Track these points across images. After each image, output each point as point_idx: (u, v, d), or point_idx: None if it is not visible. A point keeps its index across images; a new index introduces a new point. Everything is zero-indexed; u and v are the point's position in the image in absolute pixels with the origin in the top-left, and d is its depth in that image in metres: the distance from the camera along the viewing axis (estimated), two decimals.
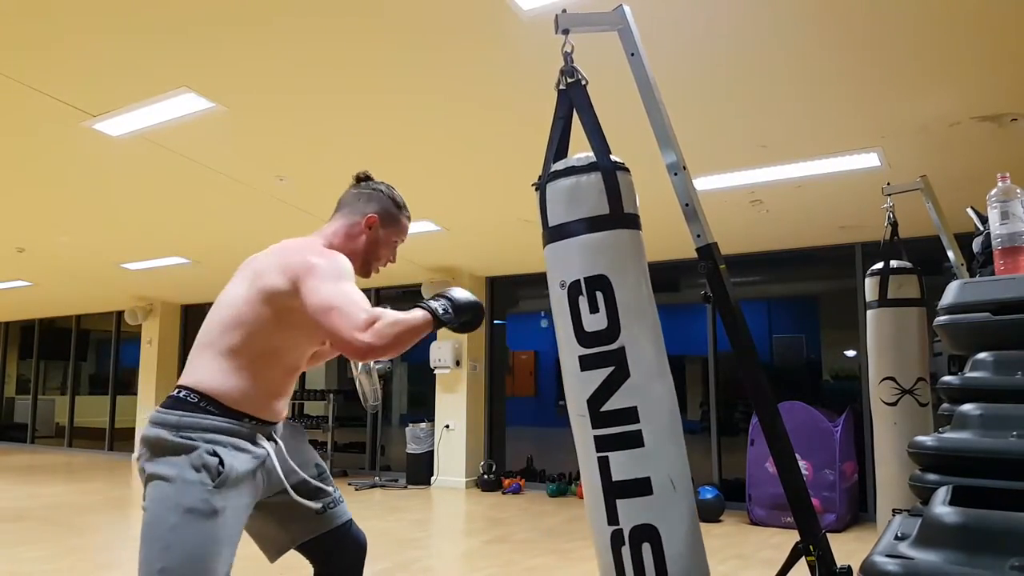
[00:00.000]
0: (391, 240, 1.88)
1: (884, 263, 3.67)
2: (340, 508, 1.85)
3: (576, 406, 1.61)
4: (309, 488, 1.79)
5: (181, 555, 1.46)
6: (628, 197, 1.67)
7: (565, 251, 1.65)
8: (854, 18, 2.68)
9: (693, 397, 7.04)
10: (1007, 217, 1.80)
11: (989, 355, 1.62)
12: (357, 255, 1.81)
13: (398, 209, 1.89)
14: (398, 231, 1.89)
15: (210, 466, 1.52)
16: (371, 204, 1.85)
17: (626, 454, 1.55)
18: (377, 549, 4.63)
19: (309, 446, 1.89)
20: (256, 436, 1.64)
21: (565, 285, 1.63)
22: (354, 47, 2.96)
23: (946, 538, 1.18)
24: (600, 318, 1.60)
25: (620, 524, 1.54)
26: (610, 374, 1.58)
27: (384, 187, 1.90)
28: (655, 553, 1.53)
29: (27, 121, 3.72)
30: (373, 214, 1.83)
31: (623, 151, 4.38)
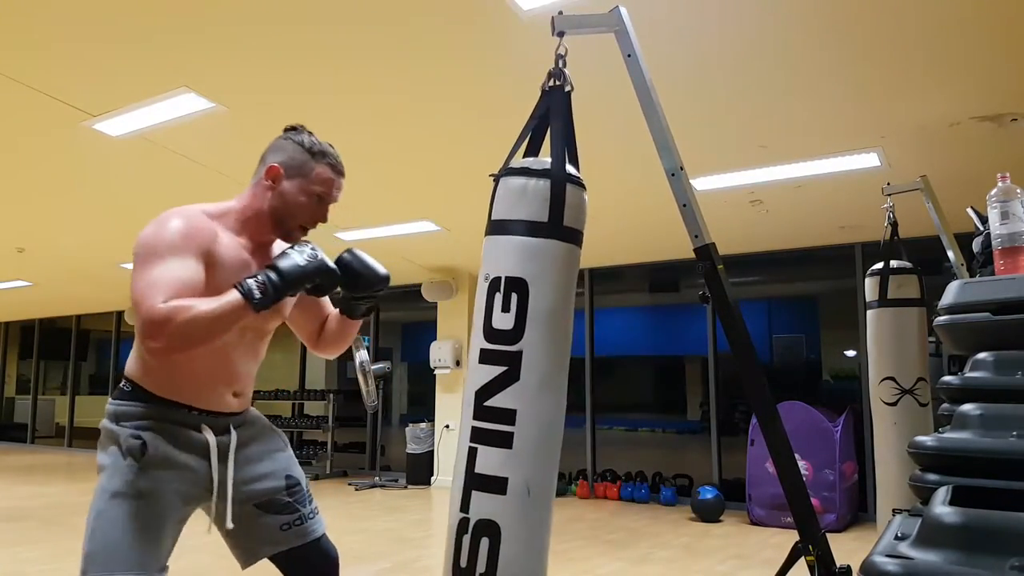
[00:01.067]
0: (307, 191, 1.62)
1: (884, 263, 3.67)
2: (309, 525, 1.72)
3: (466, 393, 1.65)
4: (274, 501, 1.68)
5: (104, 538, 1.44)
6: (572, 211, 1.65)
7: (498, 246, 1.67)
8: (854, 18, 2.67)
9: (693, 397, 7.04)
10: (1007, 217, 1.80)
11: (989, 355, 1.62)
12: (264, 214, 1.63)
13: (310, 156, 1.63)
14: (311, 181, 1.62)
15: (133, 449, 1.48)
16: (276, 154, 1.63)
17: (494, 451, 1.59)
18: (377, 549, 4.63)
19: (286, 457, 1.77)
20: (200, 426, 1.57)
21: (488, 278, 1.65)
22: (354, 47, 2.96)
23: (946, 538, 1.18)
24: (508, 318, 1.63)
25: (469, 513, 1.58)
26: (501, 373, 1.61)
27: (299, 135, 1.66)
28: (491, 549, 1.57)
29: (27, 121, 3.72)
30: (275, 164, 1.61)
31: (621, 151, 4.38)
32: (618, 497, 6.72)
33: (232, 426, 1.65)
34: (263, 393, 8.98)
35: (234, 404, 1.66)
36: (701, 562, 4.28)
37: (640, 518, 5.79)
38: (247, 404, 1.74)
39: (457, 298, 7.64)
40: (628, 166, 4.23)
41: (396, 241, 6.16)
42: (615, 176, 4.40)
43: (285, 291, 1.48)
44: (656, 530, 5.29)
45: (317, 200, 1.65)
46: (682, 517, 5.79)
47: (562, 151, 1.67)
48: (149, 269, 1.40)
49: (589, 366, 7.17)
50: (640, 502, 6.55)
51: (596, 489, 6.94)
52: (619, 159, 4.13)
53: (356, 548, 4.65)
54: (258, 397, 9.00)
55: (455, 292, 7.59)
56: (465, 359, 7.54)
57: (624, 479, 6.89)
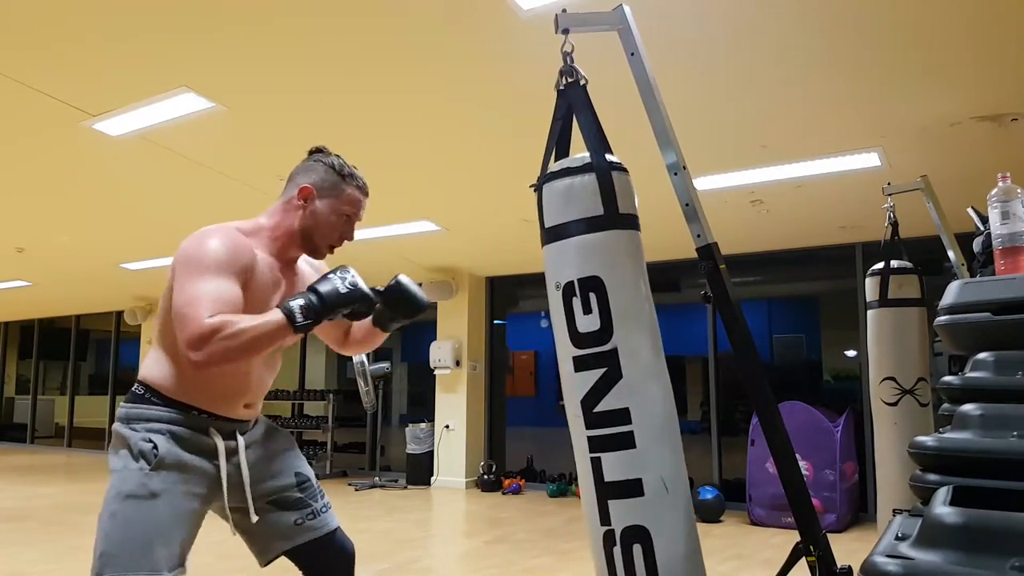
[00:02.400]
0: (336, 212, 1.71)
1: (884, 263, 3.67)
2: (322, 519, 1.79)
3: (571, 406, 1.61)
4: (286, 499, 1.75)
5: (119, 539, 1.46)
6: (624, 197, 1.66)
7: (560, 252, 1.64)
8: (854, 18, 2.67)
9: (693, 397, 7.05)
10: (1007, 217, 1.80)
11: (989, 355, 1.61)
12: (295, 233, 1.70)
13: (340, 178, 1.72)
14: (341, 202, 1.71)
15: (145, 452, 1.51)
16: (307, 175, 1.72)
17: (617, 455, 1.55)
18: (377, 549, 4.62)
19: (293, 455, 1.82)
20: (208, 430, 1.61)
21: (560, 286, 1.62)
22: (354, 47, 2.96)
23: (946, 538, 1.18)
24: (593, 319, 1.60)
25: (612, 524, 1.54)
26: (603, 375, 1.58)
27: (328, 157, 1.75)
28: (646, 555, 1.53)
29: (27, 121, 3.71)
30: (308, 185, 1.70)
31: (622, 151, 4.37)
32: None
33: (238, 432, 1.69)
34: None
35: (244, 414, 1.70)
36: None
37: None
38: (256, 414, 1.78)
39: (457, 298, 7.64)
40: (627, 166, 4.22)
41: (396, 241, 6.16)
42: None
43: (324, 315, 1.52)
44: None
45: (345, 220, 1.73)
46: None
47: (598, 141, 1.68)
48: (195, 282, 1.46)
49: None
50: None
51: None
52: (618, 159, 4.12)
53: (356, 548, 4.64)
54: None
55: (455, 292, 7.59)
56: (466, 360, 7.56)
57: None
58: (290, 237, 1.70)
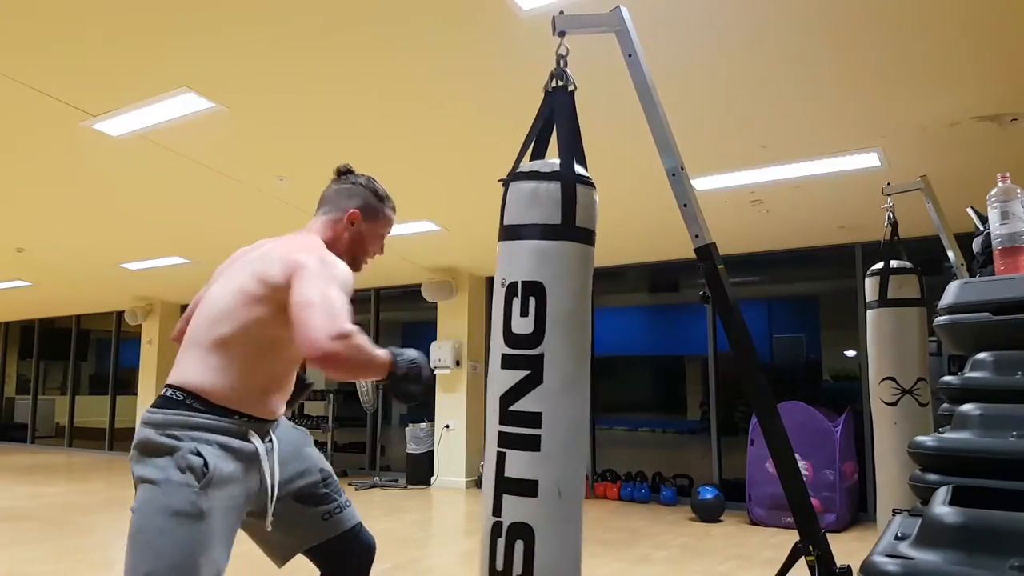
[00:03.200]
0: (376, 233, 1.87)
1: (884, 263, 3.67)
2: (347, 513, 1.82)
3: (491, 400, 1.67)
4: (314, 494, 1.77)
5: (168, 559, 1.43)
6: (584, 212, 1.66)
7: (513, 252, 1.67)
8: (854, 18, 2.68)
9: (693, 397, 7.04)
10: (1007, 217, 1.80)
11: (989, 355, 1.62)
12: (342, 252, 1.79)
13: (380, 201, 1.87)
14: (382, 224, 1.87)
15: (195, 466, 1.48)
16: (352, 199, 1.84)
17: (521, 455, 1.61)
18: (377, 549, 4.62)
19: (314, 451, 1.86)
20: (248, 433, 1.60)
21: (504, 284, 1.66)
22: (354, 47, 2.96)
23: (946, 538, 1.18)
24: (528, 322, 1.63)
25: (501, 517, 1.60)
26: (524, 377, 1.63)
27: (364, 180, 1.89)
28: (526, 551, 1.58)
29: (27, 121, 3.72)
30: (355, 209, 1.82)
31: (620, 152, 4.38)
32: (618, 497, 6.72)
33: (271, 431, 1.71)
34: None
35: (280, 411, 1.72)
36: (701, 562, 4.28)
37: (640, 518, 5.79)
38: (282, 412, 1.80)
39: (457, 298, 7.64)
40: (628, 166, 4.23)
41: (396, 241, 6.16)
42: (615, 176, 4.40)
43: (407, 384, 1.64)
44: (656, 530, 5.29)
45: (380, 238, 1.89)
46: (682, 517, 5.79)
47: (570, 152, 1.68)
48: (334, 288, 1.56)
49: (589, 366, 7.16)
50: (640, 502, 6.56)
51: (596, 489, 6.94)
52: (619, 159, 4.13)
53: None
54: None
55: (455, 292, 7.59)
56: (466, 360, 7.56)
57: (624, 479, 6.89)
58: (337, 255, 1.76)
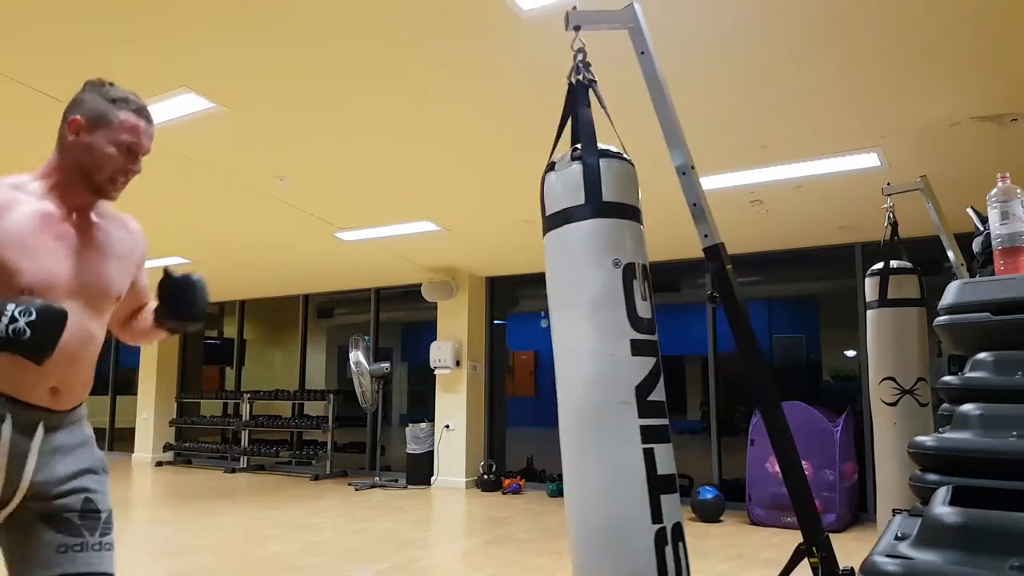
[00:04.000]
0: (113, 142, 1.52)
1: (884, 263, 3.67)
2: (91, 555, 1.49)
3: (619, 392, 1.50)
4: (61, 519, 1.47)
5: None
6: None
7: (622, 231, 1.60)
8: (854, 19, 2.68)
9: (693, 397, 7.04)
10: (1007, 217, 1.80)
11: (989, 355, 1.62)
12: (75, 170, 1.52)
13: (110, 103, 1.53)
14: (117, 130, 1.53)
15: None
16: (74, 108, 1.54)
17: (663, 448, 1.50)
18: (377, 549, 4.63)
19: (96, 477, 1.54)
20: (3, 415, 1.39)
21: (620, 264, 1.57)
22: (354, 48, 2.96)
23: (946, 538, 1.18)
24: (648, 307, 1.58)
25: (664, 522, 1.44)
26: (653, 365, 1.53)
27: (98, 87, 1.56)
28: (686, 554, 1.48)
29: (27, 121, 3.71)
30: (76, 116, 1.52)
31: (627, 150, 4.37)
32: None
33: (44, 424, 1.46)
34: (263, 393, 8.98)
35: (49, 401, 1.46)
36: (701, 562, 4.28)
37: None
38: (70, 405, 1.53)
39: (457, 298, 7.64)
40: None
41: (396, 241, 6.16)
42: None
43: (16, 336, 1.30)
44: None
45: (126, 149, 1.55)
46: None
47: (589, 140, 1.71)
48: None
49: None
50: None
51: None
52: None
53: (356, 548, 4.65)
54: (258, 397, 8.99)
55: (455, 292, 7.59)
56: (466, 360, 7.56)
57: None
58: (67, 177, 1.53)
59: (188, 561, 4.15)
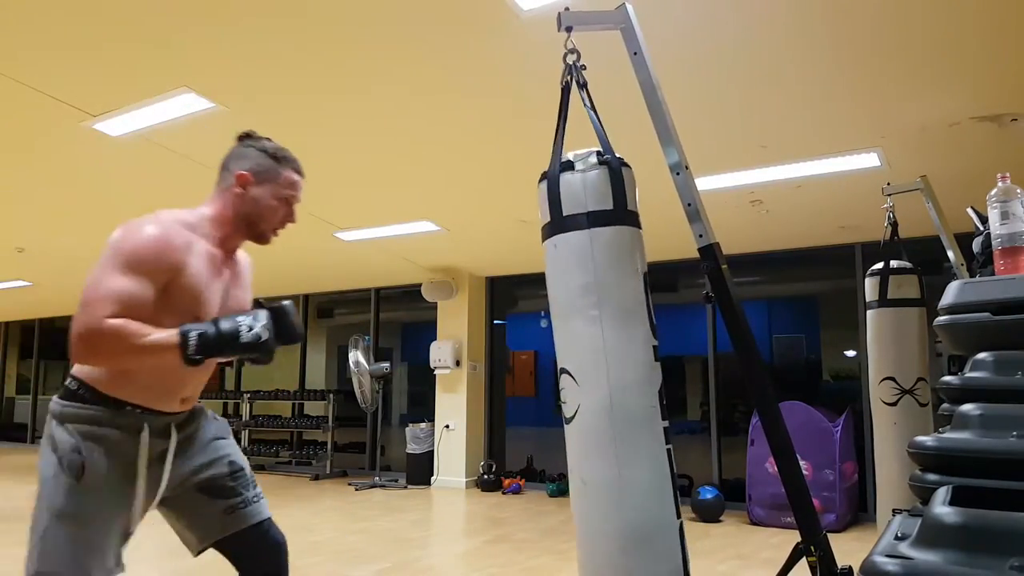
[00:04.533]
0: (276, 196, 1.70)
1: (884, 263, 3.67)
2: (252, 508, 1.74)
3: (647, 397, 1.58)
4: (217, 486, 1.70)
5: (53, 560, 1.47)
6: None
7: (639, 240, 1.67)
8: (854, 18, 2.67)
9: (693, 397, 7.04)
10: (1007, 217, 1.80)
11: (989, 355, 1.61)
12: (240, 220, 1.68)
13: (276, 162, 1.71)
14: (280, 186, 1.70)
15: (73, 465, 1.48)
16: (242, 161, 1.70)
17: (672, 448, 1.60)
18: (377, 549, 4.63)
19: (227, 442, 1.78)
20: (141, 426, 1.56)
21: (642, 272, 1.66)
22: (353, 47, 2.96)
23: (946, 538, 1.18)
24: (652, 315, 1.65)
25: (680, 517, 1.56)
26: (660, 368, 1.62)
27: (260, 142, 1.74)
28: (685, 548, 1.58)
29: (27, 121, 3.71)
30: (243, 172, 1.68)
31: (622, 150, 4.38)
32: None
33: (174, 425, 1.65)
34: (263, 393, 8.98)
35: (178, 407, 1.66)
36: (701, 562, 4.28)
37: None
38: (193, 404, 1.74)
39: (457, 298, 7.64)
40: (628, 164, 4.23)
41: (396, 241, 6.16)
42: None
43: (216, 355, 1.50)
44: None
45: (285, 203, 1.72)
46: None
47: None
48: (109, 273, 1.46)
49: None
50: None
51: None
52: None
53: (356, 548, 4.65)
54: (258, 397, 8.99)
55: (455, 292, 7.59)
56: (466, 360, 7.55)
57: None
58: (232, 225, 1.68)
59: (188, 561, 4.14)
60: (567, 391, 1.63)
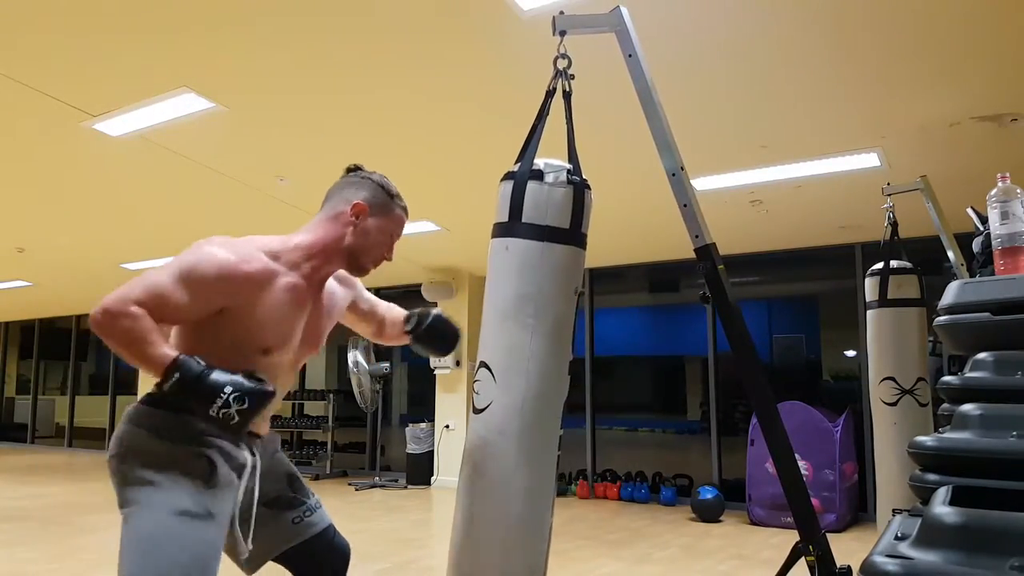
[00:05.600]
0: (385, 231, 1.67)
1: (884, 263, 3.67)
2: (317, 515, 1.71)
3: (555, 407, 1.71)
4: (282, 498, 1.68)
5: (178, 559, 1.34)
6: None
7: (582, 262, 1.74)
8: (854, 18, 2.67)
9: (693, 397, 7.04)
10: (1007, 217, 1.80)
11: (989, 355, 1.61)
12: (344, 250, 1.62)
13: (390, 198, 1.68)
14: (391, 222, 1.68)
15: (200, 468, 1.43)
16: (360, 191, 1.65)
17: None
18: (377, 549, 4.63)
19: (281, 454, 1.77)
20: (240, 441, 1.53)
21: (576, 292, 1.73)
22: (354, 47, 2.96)
23: (946, 538, 1.18)
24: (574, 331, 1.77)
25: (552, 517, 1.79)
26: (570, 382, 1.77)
27: (377, 176, 1.71)
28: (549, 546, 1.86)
29: (27, 121, 3.72)
30: (361, 201, 1.63)
31: (620, 151, 4.37)
32: (618, 497, 6.72)
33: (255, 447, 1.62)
34: None
35: (264, 428, 1.66)
36: (701, 562, 4.28)
37: (640, 518, 5.79)
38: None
39: (457, 298, 7.64)
40: (628, 166, 4.23)
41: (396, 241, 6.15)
42: (615, 176, 4.40)
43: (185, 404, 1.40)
44: (656, 530, 5.29)
45: (389, 239, 1.70)
46: (682, 517, 5.79)
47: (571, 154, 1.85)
48: (158, 273, 1.40)
49: (589, 366, 7.17)
50: (640, 502, 6.56)
51: (596, 489, 6.94)
52: (619, 159, 4.13)
53: (356, 548, 4.62)
54: None
55: (455, 292, 7.59)
56: (466, 359, 7.55)
57: (624, 479, 6.89)
58: (333, 254, 1.62)
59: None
60: (483, 384, 1.71)
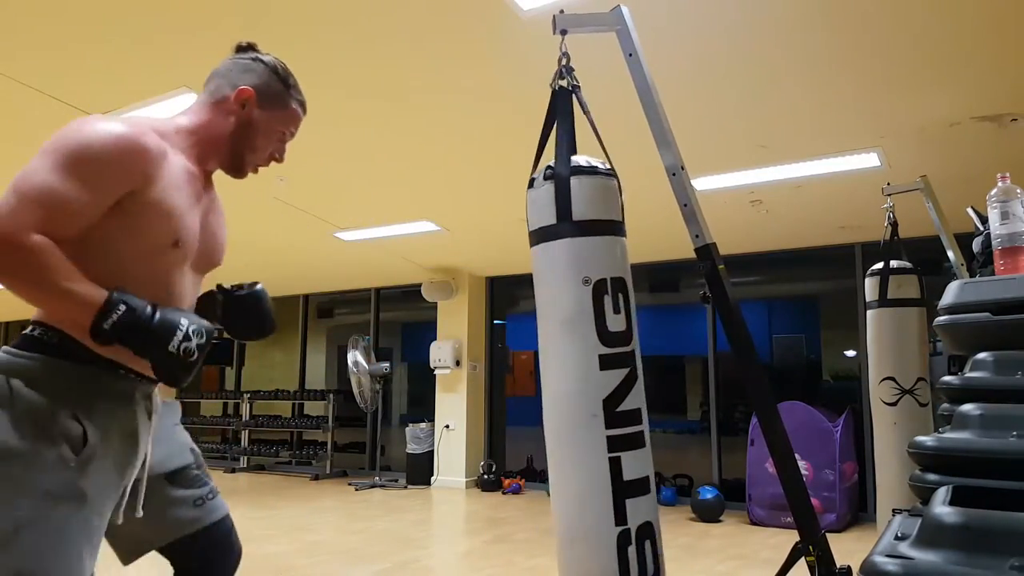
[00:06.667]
0: (274, 128, 1.43)
1: (884, 263, 3.68)
2: (218, 501, 1.52)
3: (589, 405, 1.62)
4: (187, 476, 1.47)
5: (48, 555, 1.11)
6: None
7: (591, 248, 1.67)
8: (854, 18, 2.68)
9: (693, 397, 7.04)
10: (1007, 217, 1.80)
11: (989, 355, 1.62)
12: (223, 141, 1.39)
13: (285, 88, 1.43)
14: (284, 117, 1.43)
15: (72, 436, 1.15)
16: (247, 75, 1.40)
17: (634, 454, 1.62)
18: (377, 549, 4.63)
19: (181, 428, 1.55)
20: (135, 395, 1.28)
21: (590, 282, 1.66)
22: (353, 47, 2.96)
23: (946, 538, 1.18)
24: (621, 319, 1.66)
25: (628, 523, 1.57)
26: (626, 375, 1.63)
27: (271, 59, 1.44)
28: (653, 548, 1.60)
29: (28, 121, 3.72)
30: (247, 87, 1.38)
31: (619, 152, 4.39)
32: None
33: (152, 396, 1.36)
34: (263, 393, 8.98)
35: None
36: (701, 562, 4.28)
37: None
38: None
39: (457, 298, 7.64)
40: (628, 166, 4.23)
41: (396, 241, 6.16)
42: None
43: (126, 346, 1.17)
44: None
45: (280, 137, 1.46)
46: (682, 517, 5.79)
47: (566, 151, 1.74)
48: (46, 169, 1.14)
49: None
50: None
51: None
52: (618, 159, 4.12)
53: (356, 548, 4.65)
54: (258, 397, 9.00)
55: (455, 292, 7.59)
56: (466, 359, 7.55)
57: None
58: (215, 144, 1.38)
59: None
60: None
